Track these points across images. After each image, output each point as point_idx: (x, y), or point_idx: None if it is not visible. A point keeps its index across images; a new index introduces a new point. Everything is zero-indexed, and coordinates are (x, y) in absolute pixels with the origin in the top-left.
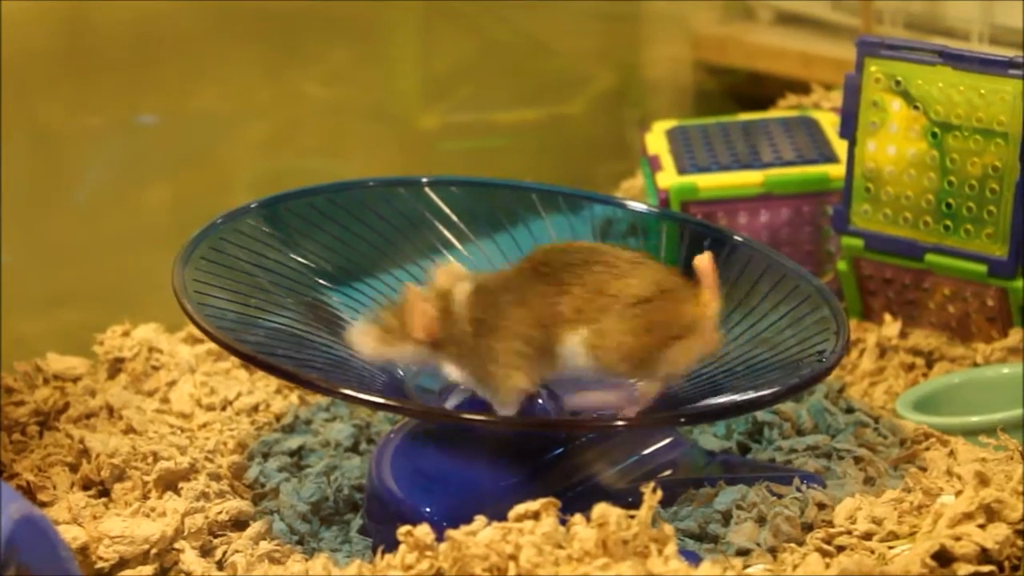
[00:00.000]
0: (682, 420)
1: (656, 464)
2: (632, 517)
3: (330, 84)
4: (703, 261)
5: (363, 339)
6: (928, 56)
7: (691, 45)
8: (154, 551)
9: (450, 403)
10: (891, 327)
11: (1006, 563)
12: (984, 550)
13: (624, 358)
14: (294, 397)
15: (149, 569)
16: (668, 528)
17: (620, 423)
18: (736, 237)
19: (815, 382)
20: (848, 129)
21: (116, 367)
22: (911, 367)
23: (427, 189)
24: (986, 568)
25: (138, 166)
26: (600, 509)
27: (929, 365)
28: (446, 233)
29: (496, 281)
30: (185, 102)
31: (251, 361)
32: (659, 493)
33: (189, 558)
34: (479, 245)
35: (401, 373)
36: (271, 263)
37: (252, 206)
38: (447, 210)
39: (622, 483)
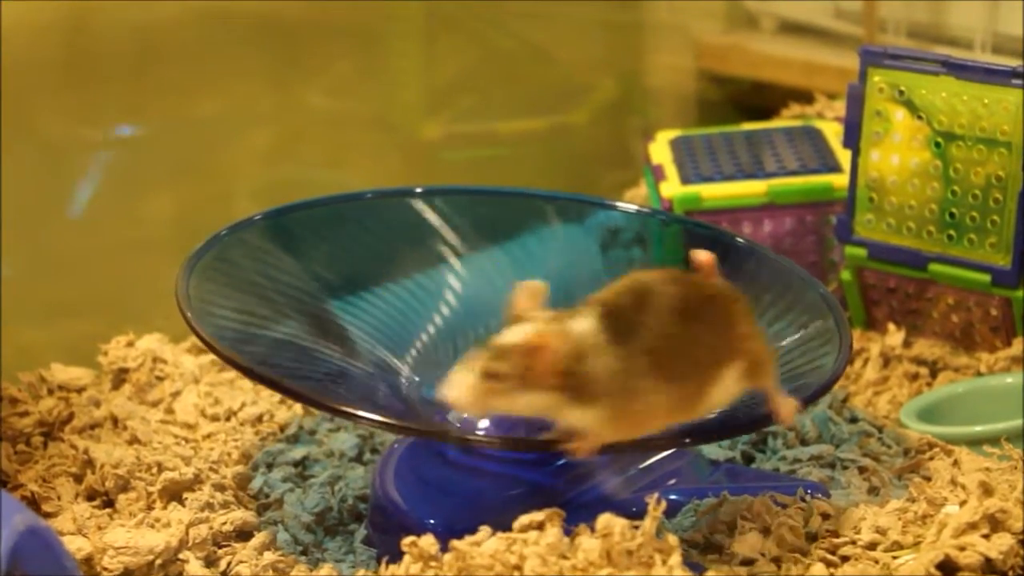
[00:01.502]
0: (687, 440)
1: (660, 474)
2: (636, 527)
3: (333, 94)
4: (703, 256)
5: (464, 394)
6: (931, 66)
7: (694, 54)
8: (159, 562)
9: (454, 416)
10: (895, 337)
11: (1010, 573)
12: (988, 560)
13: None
14: (298, 407)
15: None
16: (672, 538)
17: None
18: (740, 240)
19: (819, 396)
20: (852, 139)
21: (120, 378)
22: (915, 377)
23: (427, 199)
24: None
25: (141, 176)
26: (604, 519)
27: (933, 375)
28: (449, 243)
29: (614, 311)
30: (188, 112)
31: (250, 375)
32: (664, 503)
33: (193, 569)
34: (481, 255)
35: (405, 385)
36: (275, 274)
37: (256, 218)
38: (450, 220)
39: (627, 493)
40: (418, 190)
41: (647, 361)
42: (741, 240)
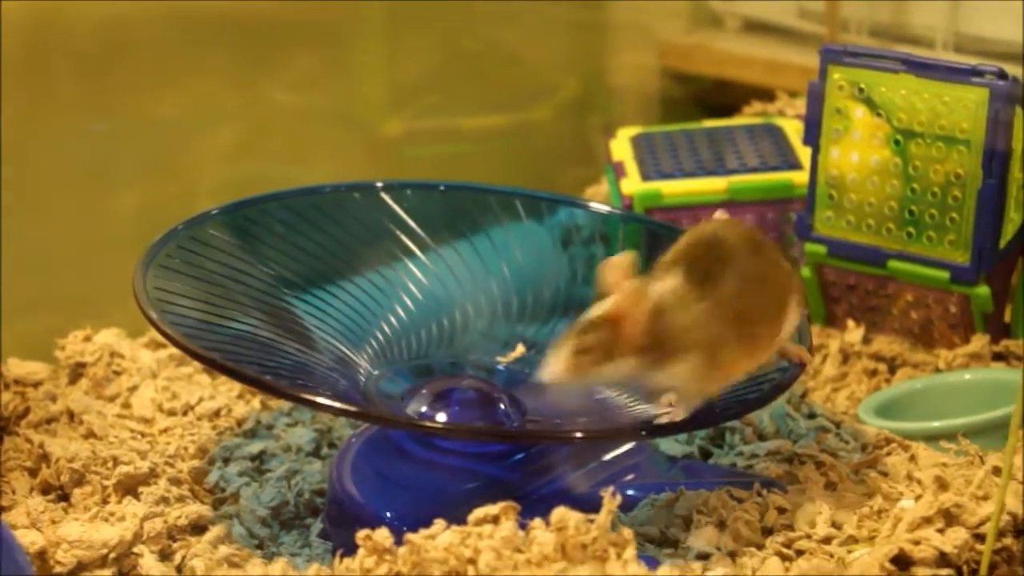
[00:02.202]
0: (643, 433)
1: (619, 469)
2: (591, 521)
3: (296, 91)
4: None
5: (561, 371)
6: (891, 64)
7: (658, 52)
8: (112, 555)
9: (411, 409)
10: (854, 333)
11: (965, 567)
12: (943, 554)
13: None
14: (256, 402)
15: (107, 573)
16: (627, 532)
17: (580, 435)
18: None
19: (778, 394)
20: (812, 136)
21: (77, 372)
22: (874, 373)
23: (386, 194)
24: (944, 572)
25: (103, 172)
26: (559, 513)
27: (892, 371)
28: (409, 238)
29: (692, 265)
30: (151, 108)
31: (212, 365)
32: (618, 498)
33: (148, 562)
34: (442, 250)
35: (363, 379)
36: (233, 269)
37: (214, 212)
38: (410, 215)
39: (584, 487)
40: (378, 184)
41: (728, 309)
42: None
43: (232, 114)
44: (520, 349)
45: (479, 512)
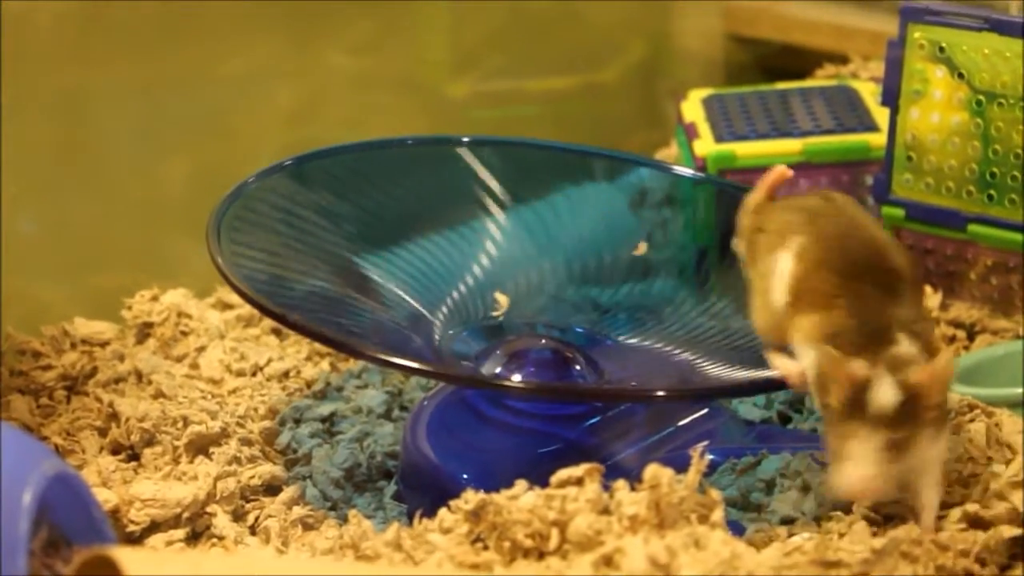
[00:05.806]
0: (720, 393)
1: (694, 435)
2: (680, 481)
3: (357, 54)
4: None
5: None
6: (973, 22)
7: (723, 16)
8: (186, 515)
9: (486, 369)
10: (932, 299)
11: None
12: None
13: None
14: (325, 364)
15: (181, 532)
16: (715, 493)
17: (655, 395)
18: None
19: None
20: (890, 97)
21: (144, 332)
22: (952, 339)
23: (467, 149)
24: None
25: (162, 136)
26: (652, 470)
27: (971, 337)
28: (484, 196)
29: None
30: (209, 72)
31: (285, 323)
32: (707, 457)
33: (221, 522)
34: (516, 209)
35: (437, 338)
36: (304, 224)
37: (286, 163)
38: (485, 173)
39: (659, 453)
40: (464, 139)
41: None
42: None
43: (292, 78)
44: (503, 301)
45: (563, 474)
